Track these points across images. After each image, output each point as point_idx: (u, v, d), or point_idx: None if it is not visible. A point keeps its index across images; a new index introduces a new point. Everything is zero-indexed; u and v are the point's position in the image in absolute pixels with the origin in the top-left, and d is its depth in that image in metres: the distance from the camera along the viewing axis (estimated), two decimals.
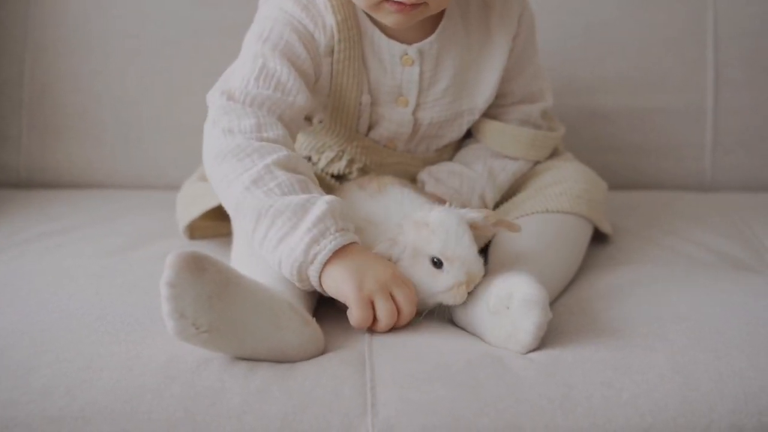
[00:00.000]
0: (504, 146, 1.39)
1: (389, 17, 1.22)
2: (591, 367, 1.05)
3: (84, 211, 1.56)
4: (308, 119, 1.34)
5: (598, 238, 1.43)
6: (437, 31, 1.30)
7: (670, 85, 1.72)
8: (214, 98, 1.24)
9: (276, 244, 1.13)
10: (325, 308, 1.21)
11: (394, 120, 1.33)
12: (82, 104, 1.69)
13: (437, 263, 1.15)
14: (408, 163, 1.39)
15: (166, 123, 1.69)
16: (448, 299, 1.15)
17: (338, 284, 1.12)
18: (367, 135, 1.35)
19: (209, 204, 1.36)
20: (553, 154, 1.46)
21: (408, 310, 1.13)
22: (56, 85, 1.69)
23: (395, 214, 1.21)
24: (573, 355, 1.08)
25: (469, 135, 1.43)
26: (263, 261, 1.19)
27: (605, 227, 1.41)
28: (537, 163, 1.43)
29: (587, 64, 1.71)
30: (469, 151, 1.41)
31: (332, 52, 1.27)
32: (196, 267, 1.02)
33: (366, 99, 1.31)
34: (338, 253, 1.12)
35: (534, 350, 1.09)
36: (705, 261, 1.39)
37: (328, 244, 1.11)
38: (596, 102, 1.72)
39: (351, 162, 1.37)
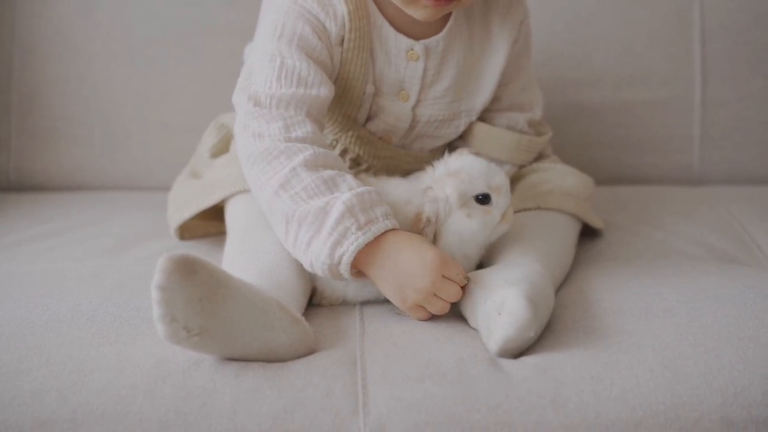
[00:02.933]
0: (489, 148, 1.40)
1: (421, 11, 1.24)
2: (581, 363, 1.06)
3: (73, 213, 1.57)
4: None
5: (588, 233, 1.43)
6: (445, 29, 1.32)
7: (656, 79, 1.72)
8: (241, 102, 1.24)
9: (305, 248, 1.15)
10: (315, 307, 1.22)
11: (393, 113, 1.34)
12: (70, 107, 1.69)
13: (483, 199, 1.17)
14: (401, 159, 1.39)
15: (154, 124, 1.70)
16: (503, 228, 1.19)
17: (381, 288, 1.16)
18: (364, 126, 1.36)
19: (200, 205, 1.36)
20: (540, 156, 1.47)
21: (457, 299, 1.14)
22: (44, 89, 1.69)
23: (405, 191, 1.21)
24: (563, 351, 1.08)
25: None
26: (254, 260, 1.20)
27: (596, 222, 1.42)
28: (522, 166, 1.44)
29: (573, 60, 1.72)
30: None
31: (342, 41, 1.28)
32: (186, 270, 1.02)
33: (370, 89, 1.32)
34: (370, 247, 1.13)
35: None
36: (694, 255, 1.39)
37: (351, 246, 1.12)
38: (583, 97, 1.72)
39: (344, 152, 1.37)
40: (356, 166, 1.38)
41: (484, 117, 1.41)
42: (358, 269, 1.15)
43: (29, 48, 1.69)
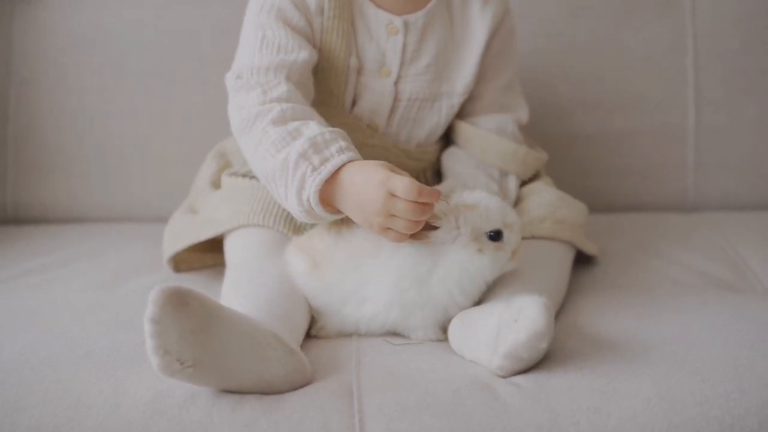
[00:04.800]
0: (488, 155, 1.41)
1: None
2: (578, 393, 1.06)
3: (70, 245, 1.57)
4: None
5: (584, 260, 1.44)
6: (425, 9, 1.36)
7: (650, 106, 1.73)
8: (228, 80, 1.31)
9: (285, 201, 1.21)
10: (312, 339, 1.22)
11: (377, 90, 1.37)
12: (66, 139, 1.70)
13: (495, 236, 1.18)
14: (388, 149, 1.41)
15: (149, 155, 1.70)
16: (511, 266, 1.20)
17: (352, 219, 1.18)
18: (351, 112, 1.38)
19: (193, 239, 1.37)
20: (535, 176, 1.48)
21: (411, 209, 1.12)
22: (40, 122, 1.70)
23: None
24: (560, 381, 1.08)
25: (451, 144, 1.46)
26: (252, 293, 1.21)
27: (590, 248, 1.42)
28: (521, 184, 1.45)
29: (567, 88, 1.72)
30: (459, 161, 1.42)
31: (323, 11, 1.33)
32: (179, 302, 1.03)
33: (354, 62, 1.35)
34: (330, 184, 1.17)
35: (521, 374, 1.10)
36: (689, 282, 1.39)
37: (311, 187, 1.16)
38: (578, 124, 1.73)
39: None
40: None
41: (473, 121, 1.43)
42: (333, 207, 1.18)
43: (25, 81, 1.70)
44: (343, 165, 1.17)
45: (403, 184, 1.12)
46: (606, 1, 1.72)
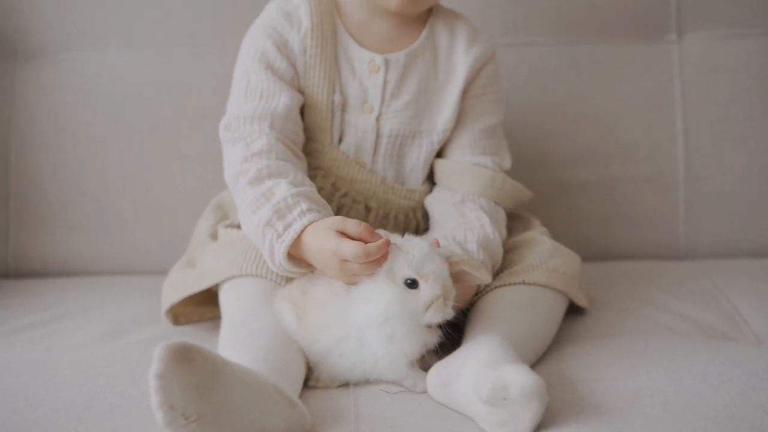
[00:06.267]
0: (465, 183, 1.44)
1: None
2: None
3: (70, 299, 1.57)
4: None
5: (576, 310, 1.45)
6: (407, 49, 1.42)
7: (641, 156, 1.75)
8: (220, 132, 1.39)
9: (269, 261, 1.28)
10: (310, 389, 1.24)
11: (360, 126, 1.42)
12: (66, 193, 1.71)
13: (411, 284, 1.19)
14: (376, 186, 1.45)
15: (148, 209, 1.72)
16: (431, 318, 1.19)
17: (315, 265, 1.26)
18: (338, 148, 1.43)
19: (188, 291, 1.39)
20: (528, 226, 1.50)
21: (365, 267, 1.20)
22: (41, 176, 1.71)
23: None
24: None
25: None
26: (249, 344, 1.23)
27: (581, 300, 1.44)
28: (511, 236, 1.47)
29: (559, 138, 1.75)
30: (439, 200, 1.45)
31: (305, 50, 1.40)
32: (183, 358, 1.04)
33: (338, 98, 1.41)
34: (296, 245, 1.25)
35: None
36: (681, 331, 1.40)
37: (279, 254, 1.25)
38: (569, 174, 1.75)
39: (324, 177, 1.43)
40: (336, 191, 1.44)
41: (453, 162, 1.46)
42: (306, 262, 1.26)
43: (26, 137, 1.71)
44: (305, 228, 1.24)
45: (350, 250, 1.19)
46: (596, 53, 1.75)
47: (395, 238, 1.25)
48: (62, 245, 1.71)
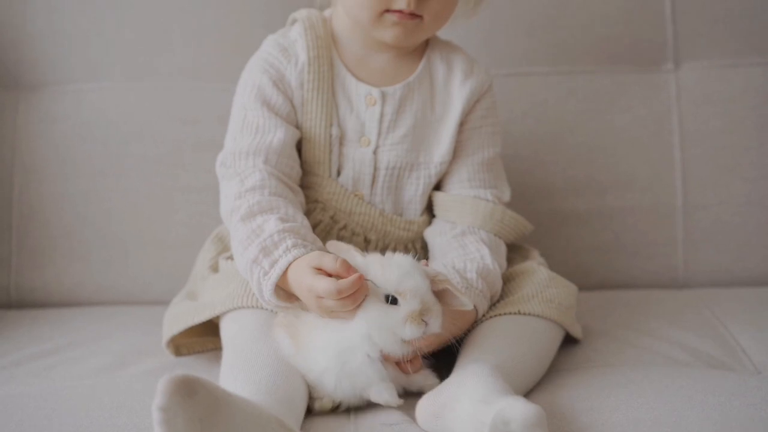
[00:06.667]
0: (464, 215, 1.45)
1: (389, 31, 1.38)
2: None
3: (73, 330, 1.57)
4: None
5: (573, 340, 1.45)
6: (403, 82, 1.44)
7: (639, 185, 1.76)
8: (217, 168, 1.41)
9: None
10: (309, 418, 1.24)
11: (357, 159, 1.44)
12: (68, 224, 1.72)
13: (393, 300, 1.22)
14: (375, 218, 1.45)
15: (151, 239, 1.72)
16: (408, 332, 1.21)
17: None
18: (337, 179, 1.44)
19: (189, 322, 1.39)
20: (527, 257, 1.51)
21: (341, 304, 1.21)
22: (44, 207, 1.72)
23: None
24: None
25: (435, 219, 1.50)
26: (251, 375, 1.23)
27: (576, 331, 1.44)
28: (509, 265, 1.47)
29: (558, 168, 1.76)
30: (439, 233, 1.46)
31: (302, 84, 1.41)
32: (187, 391, 1.05)
33: (336, 131, 1.42)
34: (282, 280, 1.26)
35: None
36: (680, 360, 1.41)
37: (266, 291, 1.27)
38: (568, 204, 1.76)
39: (323, 210, 1.44)
40: (335, 224, 1.45)
41: (452, 195, 1.47)
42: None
43: (30, 168, 1.72)
44: (290, 264, 1.25)
45: (323, 287, 1.21)
46: (593, 84, 1.77)
47: (375, 255, 1.27)
48: (64, 276, 1.72)
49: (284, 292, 1.28)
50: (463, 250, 1.41)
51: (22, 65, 1.74)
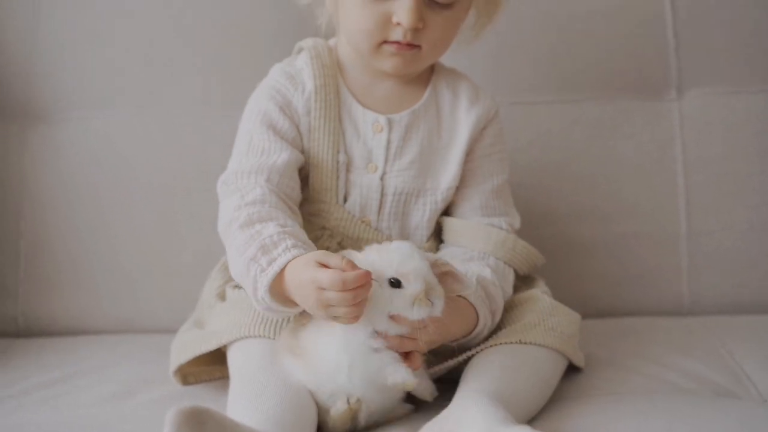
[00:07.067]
0: (476, 242, 1.46)
1: (388, 61, 1.40)
2: None
3: (80, 358, 1.58)
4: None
5: (576, 368, 1.45)
6: (409, 109, 1.45)
7: (643, 213, 1.76)
8: (218, 188, 1.41)
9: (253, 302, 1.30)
10: None
11: (365, 185, 1.44)
12: (75, 253, 1.73)
13: (396, 283, 1.23)
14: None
15: (157, 268, 1.73)
16: (414, 313, 1.23)
17: (305, 309, 1.25)
18: (344, 205, 1.45)
19: (196, 351, 1.39)
20: (531, 285, 1.52)
21: (342, 297, 1.19)
22: (51, 236, 1.73)
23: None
24: None
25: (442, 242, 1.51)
26: (259, 405, 1.23)
27: (579, 360, 1.44)
28: (513, 293, 1.48)
29: (563, 196, 1.76)
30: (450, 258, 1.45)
31: (310, 111, 1.42)
32: (195, 421, 1.06)
33: (343, 158, 1.43)
34: (279, 280, 1.25)
35: None
36: (687, 388, 1.41)
37: (261, 287, 1.25)
38: (573, 231, 1.76)
39: (331, 236, 1.45)
40: (342, 250, 1.43)
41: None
42: (291, 301, 1.26)
43: (37, 197, 1.73)
44: (288, 263, 1.25)
45: (327, 277, 1.19)
46: (597, 112, 1.78)
47: (372, 246, 1.29)
48: (71, 304, 1.72)
49: (279, 296, 1.27)
50: (463, 267, 1.42)
51: (29, 96, 1.76)
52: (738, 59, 1.78)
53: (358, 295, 1.19)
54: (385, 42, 1.39)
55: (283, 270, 1.25)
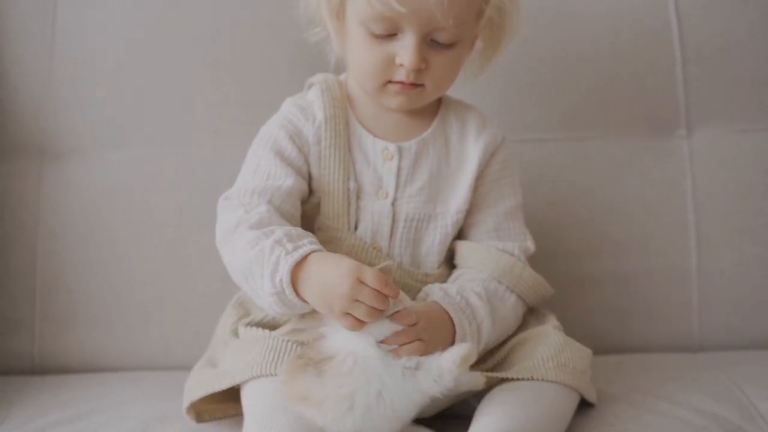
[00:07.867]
0: (483, 265, 1.47)
1: (393, 99, 1.44)
2: None
3: (96, 396, 1.58)
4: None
5: (588, 403, 1.45)
6: (418, 138, 1.48)
7: (654, 249, 1.77)
8: (219, 203, 1.44)
9: (260, 294, 1.31)
10: None
11: (376, 212, 1.46)
12: (90, 290, 1.74)
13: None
14: (393, 270, 1.45)
15: (172, 305, 1.74)
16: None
17: (313, 305, 1.28)
18: (355, 232, 1.46)
19: (210, 389, 1.40)
20: (543, 321, 1.52)
21: (377, 305, 1.24)
22: (66, 273, 1.74)
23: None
24: None
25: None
26: None
27: (591, 396, 1.45)
28: (524, 329, 1.49)
29: (573, 232, 1.78)
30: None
31: (320, 140, 1.45)
32: None
33: (353, 185, 1.45)
34: (300, 269, 1.28)
35: None
36: (697, 425, 1.41)
37: (284, 268, 1.27)
38: (584, 267, 1.77)
39: None
40: None
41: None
42: (301, 296, 1.28)
43: (53, 234, 1.74)
44: (312, 252, 1.28)
45: (372, 272, 1.23)
46: (608, 149, 1.79)
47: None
48: (87, 341, 1.73)
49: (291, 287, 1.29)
50: (454, 282, 1.45)
51: (45, 133, 1.77)
52: (747, 97, 1.80)
53: (385, 302, 1.25)
54: (390, 82, 1.42)
55: (305, 259, 1.28)
